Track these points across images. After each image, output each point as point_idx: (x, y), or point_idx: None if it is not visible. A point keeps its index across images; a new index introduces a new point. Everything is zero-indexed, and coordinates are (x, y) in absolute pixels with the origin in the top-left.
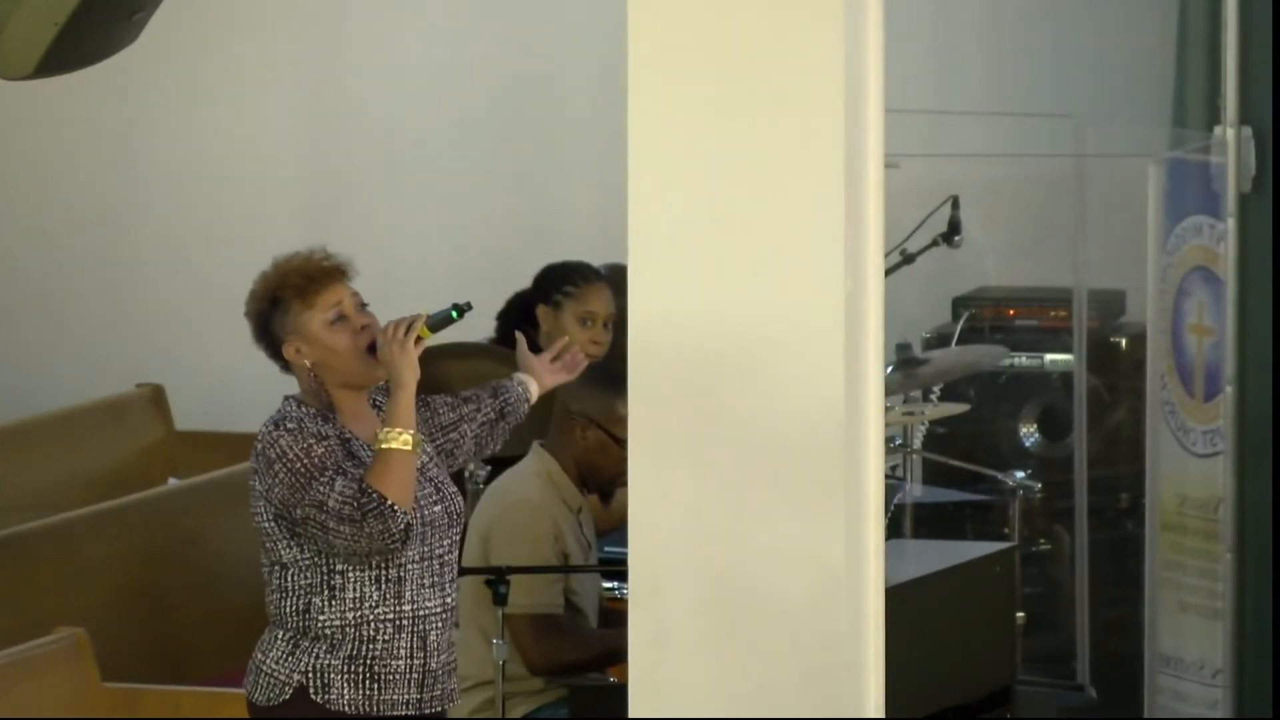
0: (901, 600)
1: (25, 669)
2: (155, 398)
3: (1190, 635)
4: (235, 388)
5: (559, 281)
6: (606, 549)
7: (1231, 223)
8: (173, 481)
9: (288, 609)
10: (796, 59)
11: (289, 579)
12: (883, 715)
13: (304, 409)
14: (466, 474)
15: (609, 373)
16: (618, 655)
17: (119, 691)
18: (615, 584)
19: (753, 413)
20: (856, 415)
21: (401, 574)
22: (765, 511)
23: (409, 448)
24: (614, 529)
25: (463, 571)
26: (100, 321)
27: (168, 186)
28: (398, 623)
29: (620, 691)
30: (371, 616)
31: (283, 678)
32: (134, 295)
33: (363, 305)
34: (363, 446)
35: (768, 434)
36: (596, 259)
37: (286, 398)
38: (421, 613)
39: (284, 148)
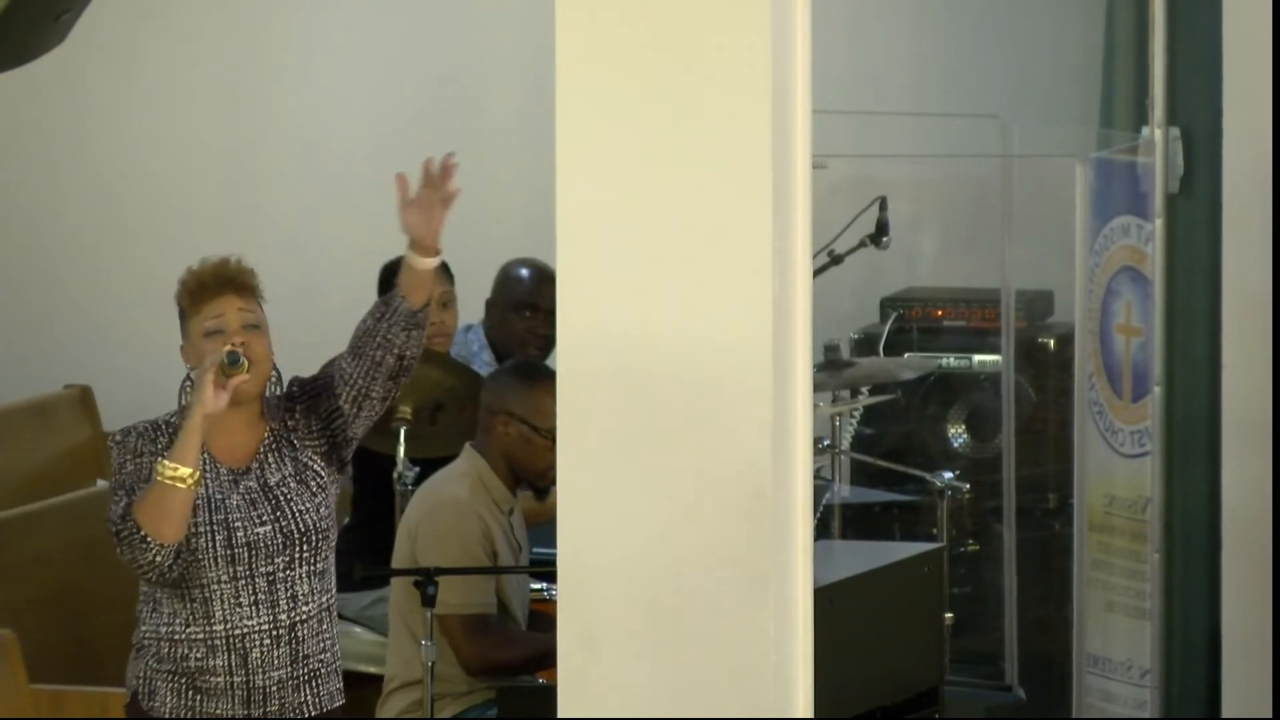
0: (830, 601)
1: None
2: (83, 399)
3: (1118, 635)
4: (164, 389)
5: (390, 275)
6: (536, 550)
7: (1159, 223)
8: (100, 483)
9: (137, 616)
10: (723, 59)
11: (140, 588)
12: (811, 716)
13: (171, 417)
14: (396, 475)
15: (526, 366)
16: (553, 657)
17: (46, 693)
18: (544, 585)
19: (681, 414)
20: (784, 415)
21: (207, 594)
22: (693, 512)
23: (177, 484)
24: (547, 520)
25: (392, 572)
26: (27, 323)
27: (92, 187)
28: (209, 642)
29: (549, 692)
30: (183, 635)
31: (128, 681)
32: (62, 296)
33: (252, 325)
34: (208, 463)
35: (696, 435)
36: (494, 259)
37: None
38: (238, 632)
39: (205, 148)
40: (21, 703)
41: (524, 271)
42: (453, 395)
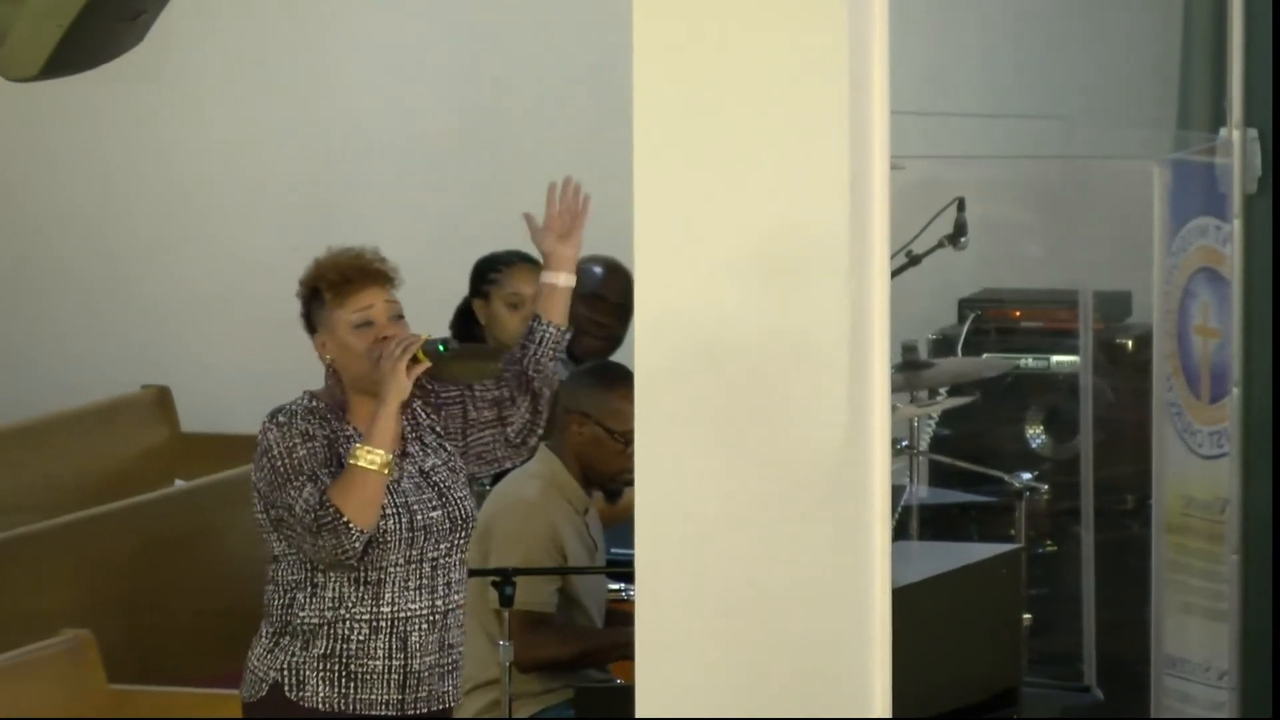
0: (908, 602)
1: (31, 669)
2: (160, 400)
3: (1195, 637)
4: (241, 390)
5: (484, 271)
6: (613, 550)
7: (1237, 224)
8: (177, 483)
9: (276, 603)
10: (800, 60)
11: (279, 573)
12: (889, 716)
13: (313, 402)
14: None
15: (604, 367)
16: (600, 654)
17: (123, 692)
18: (622, 585)
19: (759, 416)
20: (862, 417)
21: (382, 576)
22: (770, 513)
23: (375, 468)
24: (620, 523)
25: (470, 572)
26: (106, 324)
27: (166, 190)
28: (374, 623)
29: (626, 693)
30: (348, 616)
31: (260, 674)
32: (139, 297)
33: (398, 316)
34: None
35: (774, 437)
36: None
37: (305, 391)
38: (402, 615)
39: (278, 149)
40: (99, 702)
41: (595, 267)
42: None
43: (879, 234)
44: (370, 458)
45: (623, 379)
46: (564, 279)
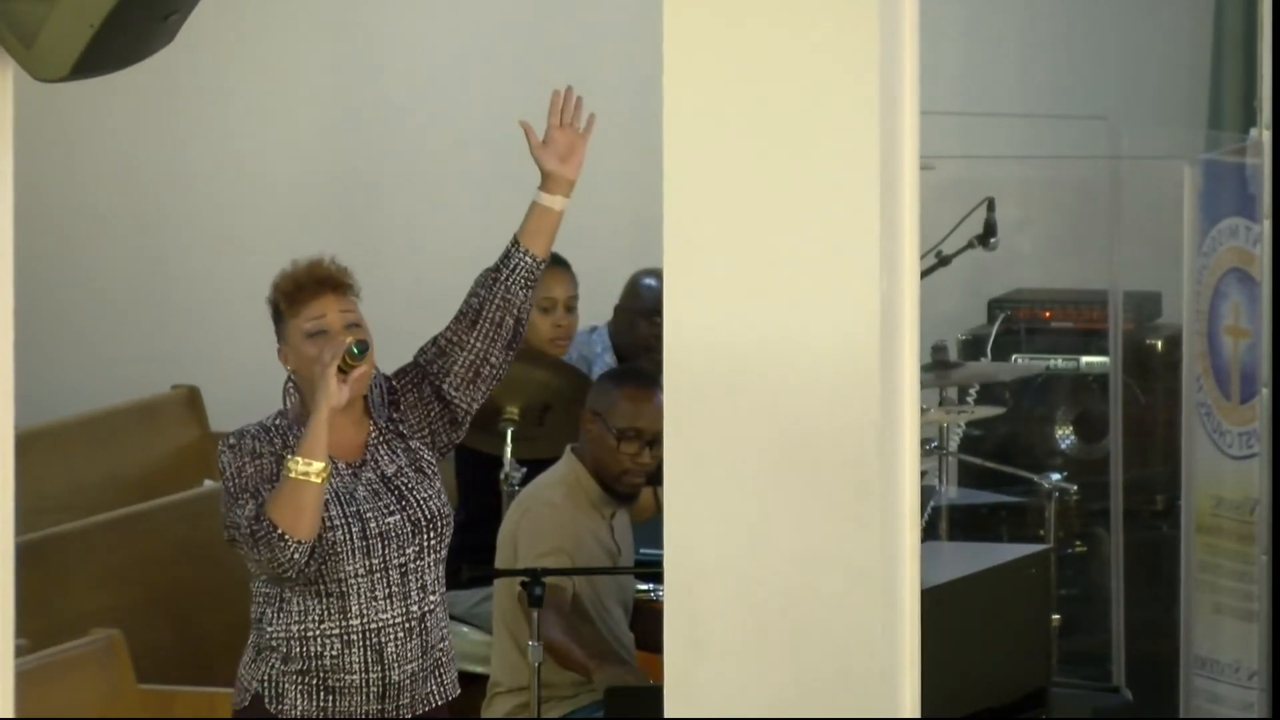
0: (937, 602)
1: (61, 669)
2: (191, 399)
3: (1225, 637)
4: (271, 390)
5: None
6: (643, 550)
7: (1267, 225)
8: (207, 484)
9: (252, 617)
10: (831, 60)
11: (255, 588)
12: (918, 716)
13: (279, 420)
14: (502, 475)
15: (625, 370)
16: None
17: (154, 693)
18: (651, 586)
19: (788, 415)
20: (891, 417)
21: (344, 588)
22: (800, 514)
23: (308, 478)
24: (655, 517)
25: (498, 573)
26: (135, 324)
27: (198, 189)
28: (345, 637)
29: (657, 693)
30: (317, 631)
31: (245, 683)
32: (169, 298)
33: (354, 324)
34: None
35: (803, 436)
36: (629, 262)
37: (278, 410)
38: (374, 625)
39: (313, 149)
40: (129, 703)
41: (653, 280)
42: (560, 397)
43: (909, 234)
44: (302, 468)
45: (636, 378)
46: (560, 203)
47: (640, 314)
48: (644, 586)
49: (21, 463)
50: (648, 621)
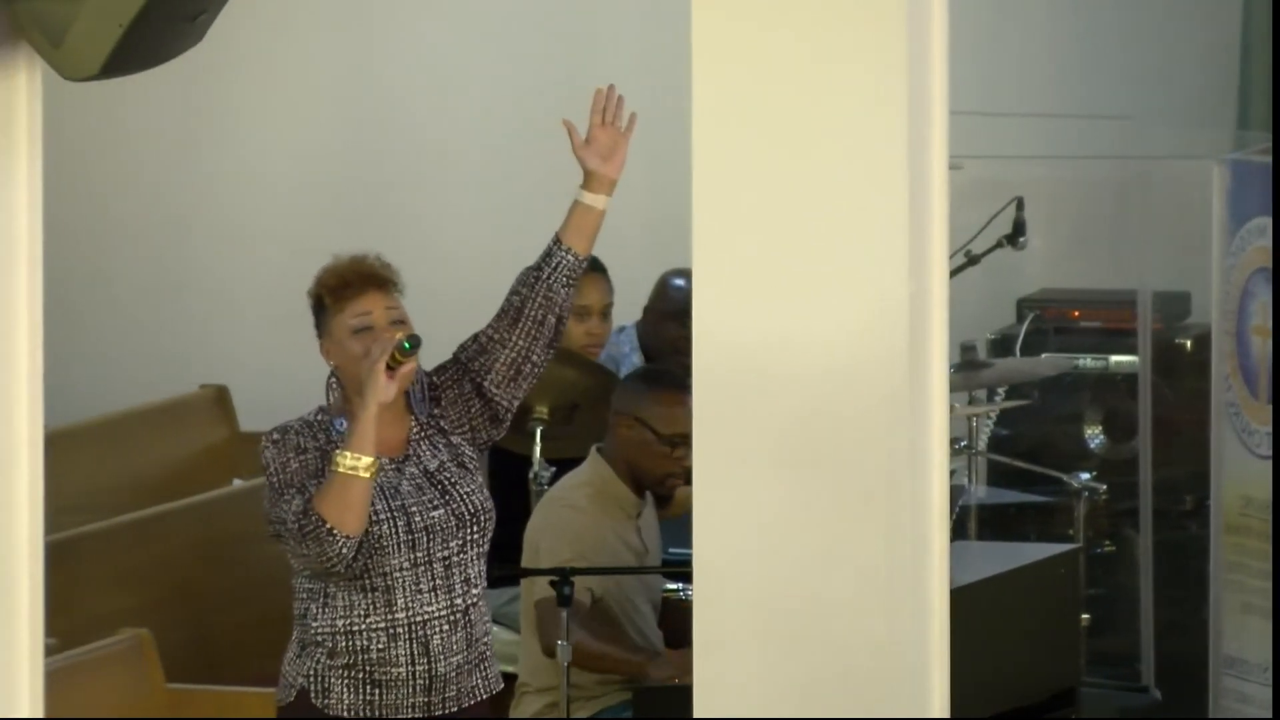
0: (966, 602)
1: (90, 669)
2: (219, 398)
3: (1254, 637)
4: (300, 389)
5: None
6: (672, 550)
7: None
8: (236, 483)
9: (295, 613)
10: (859, 60)
11: (298, 584)
12: (947, 716)
13: (319, 415)
14: (531, 474)
15: (657, 372)
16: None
17: (181, 692)
18: (680, 585)
19: (817, 415)
20: (921, 417)
21: (389, 582)
22: (829, 514)
23: (356, 473)
24: (681, 515)
25: (525, 572)
26: (164, 323)
27: (213, 191)
28: (391, 631)
29: (685, 693)
30: (363, 625)
31: (290, 679)
32: (198, 297)
33: (399, 321)
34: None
35: (833, 436)
36: (646, 262)
37: (319, 405)
38: (419, 619)
39: (326, 150)
40: (157, 702)
41: (683, 281)
42: (588, 396)
43: (938, 234)
44: (350, 463)
45: (671, 382)
46: (602, 202)
47: (670, 315)
48: (672, 586)
49: (47, 463)
50: (675, 619)
